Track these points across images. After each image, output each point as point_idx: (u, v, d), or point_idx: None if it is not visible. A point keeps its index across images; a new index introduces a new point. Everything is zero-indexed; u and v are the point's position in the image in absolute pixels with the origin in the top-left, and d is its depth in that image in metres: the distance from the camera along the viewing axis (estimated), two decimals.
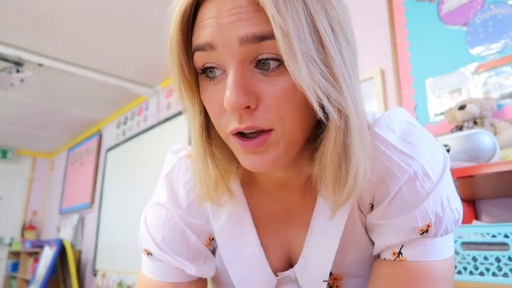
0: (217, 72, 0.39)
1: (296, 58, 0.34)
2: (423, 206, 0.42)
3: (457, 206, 0.44)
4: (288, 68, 0.35)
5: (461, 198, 0.47)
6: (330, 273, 0.50)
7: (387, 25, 1.61)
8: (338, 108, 0.37)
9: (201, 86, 0.41)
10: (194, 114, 0.43)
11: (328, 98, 0.37)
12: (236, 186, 0.50)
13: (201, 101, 0.42)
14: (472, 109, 1.14)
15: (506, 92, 1.23)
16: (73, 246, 3.73)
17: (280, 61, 0.36)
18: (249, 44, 0.35)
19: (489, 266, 0.83)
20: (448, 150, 0.98)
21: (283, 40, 0.34)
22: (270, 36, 0.35)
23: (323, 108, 0.37)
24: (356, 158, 0.39)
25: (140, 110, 3.41)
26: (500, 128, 1.12)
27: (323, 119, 0.38)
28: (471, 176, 0.91)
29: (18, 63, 2.65)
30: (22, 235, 4.81)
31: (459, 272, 0.87)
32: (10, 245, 4.61)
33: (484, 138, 0.96)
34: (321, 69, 0.36)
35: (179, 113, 2.77)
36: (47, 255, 3.60)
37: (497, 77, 1.26)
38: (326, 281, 0.48)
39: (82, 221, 3.99)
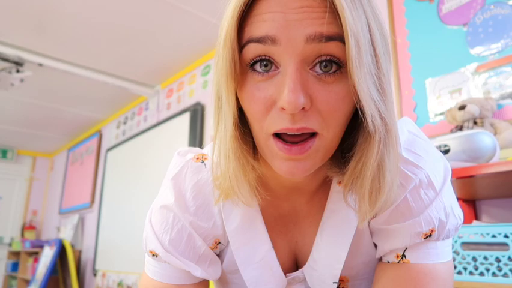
0: (270, 67, 0.37)
1: (362, 66, 0.34)
2: (428, 212, 0.43)
3: (458, 213, 0.46)
4: (351, 74, 0.35)
5: (461, 198, 0.48)
6: None
7: (387, 25, 1.61)
8: (385, 122, 0.37)
9: (245, 81, 0.39)
10: (229, 110, 0.40)
11: (379, 111, 0.37)
12: None
13: (236, 98, 0.40)
14: (472, 109, 1.14)
15: (506, 92, 1.23)
16: (72, 246, 3.73)
17: (338, 66, 0.36)
18: (314, 42, 0.35)
19: (489, 266, 0.83)
20: (448, 150, 0.98)
21: (355, 45, 0.34)
22: (337, 38, 0.35)
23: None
24: (391, 172, 0.39)
25: (140, 110, 3.40)
26: (500, 128, 1.12)
27: (372, 131, 0.37)
28: (471, 176, 0.91)
29: (18, 63, 2.65)
30: (22, 235, 4.81)
31: (459, 272, 0.87)
32: (10, 244, 4.61)
33: (484, 138, 0.96)
34: (375, 82, 0.36)
35: (179, 113, 2.77)
36: (47, 255, 3.60)
37: (497, 77, 1.26)
38: (335, 282, 0.49)
39: (81, 221, 3.98)
